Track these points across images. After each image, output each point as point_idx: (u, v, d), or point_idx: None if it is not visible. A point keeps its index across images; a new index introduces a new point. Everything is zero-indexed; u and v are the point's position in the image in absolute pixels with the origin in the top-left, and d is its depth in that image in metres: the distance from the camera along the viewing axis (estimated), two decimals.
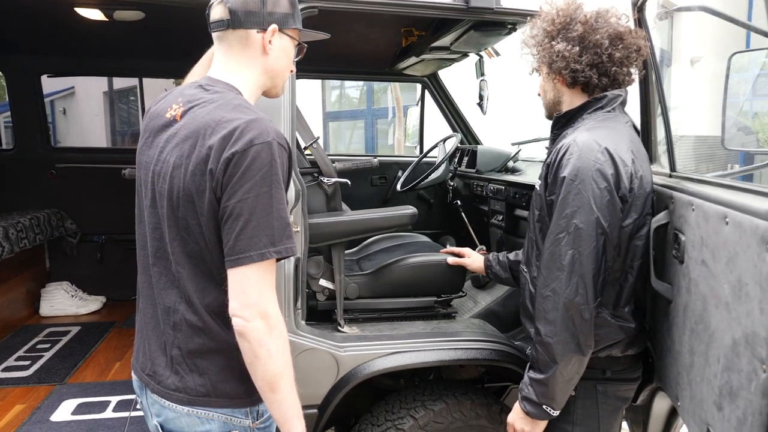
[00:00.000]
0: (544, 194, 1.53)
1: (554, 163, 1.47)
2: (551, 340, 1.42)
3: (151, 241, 1.28)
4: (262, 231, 1.13)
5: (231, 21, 1.26)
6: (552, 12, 1.57)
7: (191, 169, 1.16)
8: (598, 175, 1.38)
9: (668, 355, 1.50)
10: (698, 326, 1.27)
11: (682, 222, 1.41)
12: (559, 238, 1.41)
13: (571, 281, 1.40)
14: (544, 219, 1.54)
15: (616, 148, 1.42)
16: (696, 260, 1.30)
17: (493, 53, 2.91)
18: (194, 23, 2.73)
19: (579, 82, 1.54)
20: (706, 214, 1.23)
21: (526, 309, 1.65)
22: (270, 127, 1.19)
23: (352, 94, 11.52)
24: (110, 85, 11.50)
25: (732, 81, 1.62)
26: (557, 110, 1.64)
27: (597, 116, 1.53)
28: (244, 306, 1.13)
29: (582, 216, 1.38)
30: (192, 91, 1.29)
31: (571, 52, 1.50)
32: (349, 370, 1.88)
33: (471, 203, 3.48)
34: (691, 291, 1.33)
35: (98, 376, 2.60)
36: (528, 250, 1.67)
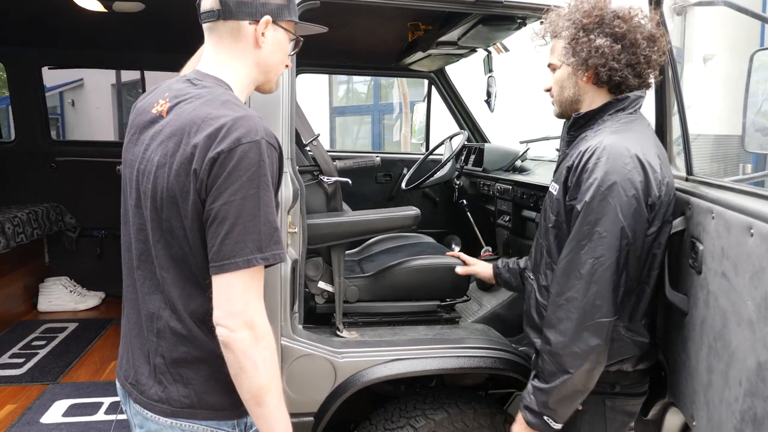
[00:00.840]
0: (563, 199, 1.44)
1: (578, 167, 1.38)
2: (561, 351, 1.35)
3: (135, 243, 1.22)
4: (248, 236, 1.07)
5: (222, 11, 1.19)
6: (584, 4, 1.47)
7: (175, 169, 1.10)
8: (627, 182, 1.30)
9: (683, 371, 1.42)
10: (717, 343, 1.18)
11: (701, 230, 1.33)
12: (580, 245, 1.34)
13: (588, 291, 1.32)
14: (561, 225, 1.45)
15: (645, 153, 1.34)
16: (715, 272, 1.22)
17: (501, 49, 2.82)
18: (194, 15, 2.68)
19: (613, 82, 1.44)
20: (728, 224, 1.15)
21: (531, 318, 1.57)
22: (259, 124, 1.12)
23: (360, 89, 11.44)
24: (118, 78, 11.48)
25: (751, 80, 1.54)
26: (574, 109, 1.54)
27: (619, 118, 1.45)
28: (229, 315, 1.07)
29: (606, 224, 1.30)
30: (180, 85, 1.22)
31: (612, 50, 1.41)
32: (347, 377, 1.81)
33: (477, 203, 3.40)
34: (710, 304, 1.24)
35: (92, 375, 2.55)
36: (536, 256, 1.60)
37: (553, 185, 1.52)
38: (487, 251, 3.12)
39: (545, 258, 1.52)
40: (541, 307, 1.51)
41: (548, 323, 1.39)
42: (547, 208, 1.53)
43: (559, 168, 1.55)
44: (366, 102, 11.04)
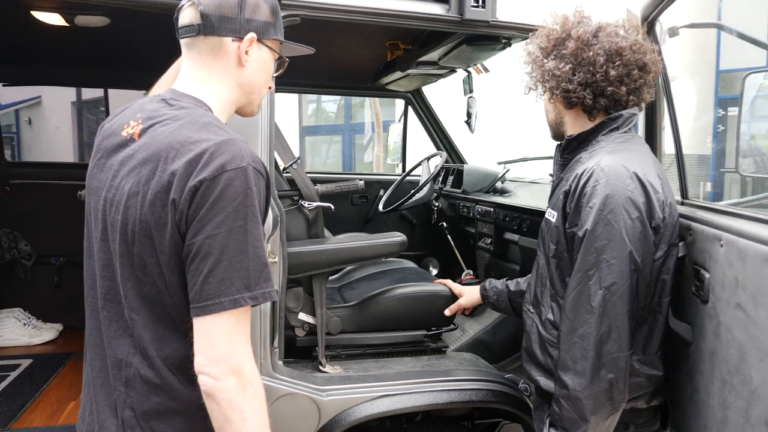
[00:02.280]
0: (562, 226, 1.35)
1: (575, 191, 1.30)
2: (581, 395, 1.24)
3: (100, 281, 1.10)
4: (234, 273, 0.96)
5: (202, 26, 1.09)
6: (550, 27, 1.45)
7: (150, 199, 0.99)
8: (629, 203, 1.23)
9: (689, 404, 1.36)
10: (733, 378, 1.12)
11: (706, 257, 1.27)
12: (587, 276, 1.25)
13: (602, 325, 1.23)
14: (562, 254, 1.37)
15: (645, 172, 1.27)
16: (728, 302, 1.16)
17: (481, 69, 2.78)
18: (163, 31, 2.56)
19: (574, 103, 1.40)
20: (742, 253, 1.09)
21: (533, 355, 1.47)
22: (245, 149, 1.02)
23: (329, 108, 11.37)
24: (78, 96, 11.14)
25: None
26: (560, 132, 1.50)
27: (613, 138, 1.38)
28: (213, 362, 0.96)
29: (613, 250, 1.22)
30: (153, 105, 1.11)
31: (563, 71, 1.37)
32: (332, 417, 1.69)
33: (456, 225, 3.34)
34: (722, 336, 1.18)
35: (48, 419, 2.33)
36: (536, 288, 1.50)
37: (550, 212, 1.43)
38: (468, 274, 3.04)
39: (549, 290, 1.43)
40: (546, 343, 1.41)
41: (562, 365, 1.29)
42: (546, 237, 1.44)
43: (554, 193, 1.48)
44: (336, 121, 10.98)
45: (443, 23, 1.84)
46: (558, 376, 1.30)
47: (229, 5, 1.11)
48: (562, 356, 1.29)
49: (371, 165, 9.09)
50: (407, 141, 3.90)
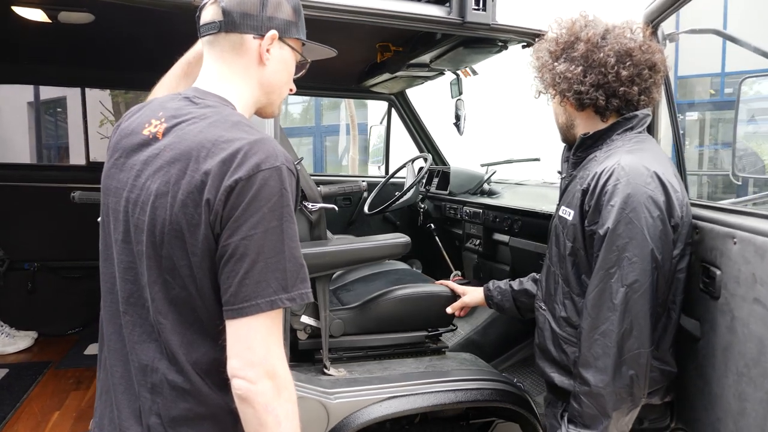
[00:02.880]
0: (579, 224, 1.37)
1: (595, 189, 1.31)
2: (603, 391, 1.25)
3: (122, 284, 1.06)
4: (271, 274, 0.94)
5: (224, 23, 1.07)
6: (556, 32, 1.47)
7: (181, 199, 0.96)
8: (651, 202, 1.25)
9: (698, 398, 1.40)
10: (752, 371, 1.16)
11: (717, 255, 1.32)
12: (609, 274, 1.26)
13: (624, 322, 1.25)
14: (579, 252, 1.38)
15: (664, 172, 1.29)
16: (743, 298, 1.20)
17: (470, 72, 2.81)
18: (149, 30, 2.50)
19: (586, 105, 1.42)
20: (760, 250, 1.13)
21: (547, 352, 1.49)
22: (278, 149, 1.01)
23: (295, 110, 11.27)
24: (36, 95, 10.74)
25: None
26: (572, 134, 1.52)
27: (629, 137, 1.40)
28: (249, 365, 0.93)
29: (635, 248, 1.24)
30: (176, 104, 1.08)
31: (574, 73, 1.39)
32: (341, 420, 1.67)
33: (442, 226, 3.36)
34: (737, 331, 1.23)
35: (33, 430, 2.24)
36: (549, 286, 1.52)
37: (565, 210, 1.44)
38: (457, 275, 3.07)
39: (562, 287, 1.45)
40: (560, 340, 1.44)
41: (584, 362, 1.30)
42: (560, 235, 1.45)
43: (567, 191, 1.49)
44: (304, 123, 10.90)
45: (445, 26, 1.85)
46: (578, 372, 1.31)
47: (251, 2, 1.09)
48: (583, 353, 1.30)
49: (345, 167, 9.06)
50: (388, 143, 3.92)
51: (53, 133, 12.34)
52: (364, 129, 9.30)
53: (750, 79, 1.57)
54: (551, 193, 2.86)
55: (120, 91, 8.09)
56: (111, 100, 8.65)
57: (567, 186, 1.50)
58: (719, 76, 11.08)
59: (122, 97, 8.82)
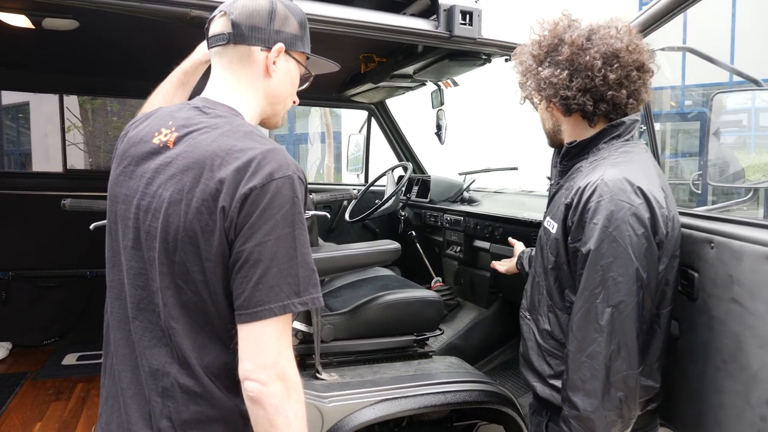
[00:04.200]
0: (562, 239, 1.32)
1: (578, 205, 1.26)
2: (593, 415, 1.21)
3: (131, 290, 1.07)
4: (284, 279, 0.98)
5: (233, 35, 1.11)
6: (540, 35, 1.42)
7: (195, 206, 0.98)
8: (635, 220, 1.20)
9: (679, 393, 1.48)
10: (729, 365, 1.25)
11: (695, 259, 1.40)
12: (594, 294, 1.22)
13: (611, 343, 1.20)
14: (562, 266, 1.34)
15: (649, 186, 1.24)
16: (720, 298, 1.29)
17: (450, 83, 2.89)
18: (135, 36, 2.50)
19: (573, 110, 1.36)
20: (737, 253, 1.22)
21: (530, 362, 1.46)
22: (289, 159, 1.04)
23: None
24: None
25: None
26: (559, 140, 1.49)
27: (615, 146, 1.34)
28: (261, 368, 0.96)
29: (619, 268, 1.19)
30: (186, 113, 1.11)
31: (559, 78, 1.33)
32: (335, 423, 1.71)
33: (422, 234, 3.42)
34: (714, 329, 1.31)
35: None
36: (533, 296, 1.49)
37: (549, 222, 1.40)
38: (438, 281, 3.13)
39: (546, 299, 1.41)
40: (543, 351, 1.41)
41: (572, 386, 1.25)
42: (545, 247, 1.41)
43: (553, 201, 1.47)
44: (277, 131, 10.88)
45: (433, 39, 1.92)
46: (567, 396, 1.27)
47: (259, 15, 1.13)
48: (571, 376, 1.26)
49: (321, 176, 9.06)
50: (361, 151, 3.97)
51: (15, 139, 11.99)
52: (337, 138, 9.36)
53: (720, 95, 1.67)
54: (529, 201, 2.96)
55: (87, 98, 7.93)
56: (79, 106, 8.47)
57: (554, 195, 1.49)
58: (679, 88, 11.52)
59: (90, 104, 8.65)
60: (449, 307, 2.99)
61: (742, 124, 7.04)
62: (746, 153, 5.66)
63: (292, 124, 10.64)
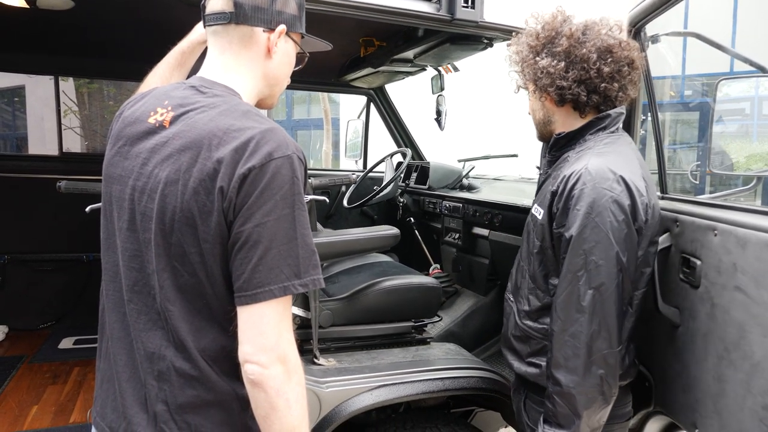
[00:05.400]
0: (548, 225, 1.39)
1: (563, 192, 1.33)
2: (574, 391, 1.27)
3: (126, 272, 1.06)
4: (284, 261, 0.96)
5: (235, 14, 1.08)
6: (537, 26, 1.46)
7: (193, 186, 0.97)
8: (616, 206, 1.26)
9: (677, 381, 1.47)
10: (731, 354, 1.24)
11: (697, 246, 1.39)
12: (577, 277, 1.28)
13: (592, 323, 1.27)
14: (547, 251, 1.40)
15: (630, 175, 1.30)
16: (723, 286, 1.28)
17: (451, 68, 2.86)
18: (131, 17, 2.45)
19: (567, 100, 1.41)
20: (741, 241, 1.21)
21: (508, 340, 1.53)
22: (288, 138, 1.03)
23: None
24: None
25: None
26: (549, 131, 1.52)
27: (601, 138, 1.41)
28: (262, 350, 0.95)
29: (600, 252, 1.26)
30: (182, 92, 1.09)
31: (557, 68, 1.38)
32: (333, 408, 1.70)
33: (421, 220, 3.40)
34: (717, 317, 1.30)
35: (11, 425, 2.18)
36: (517, 278, 1.55)
37: (536, 208, 1.46)
38: (436, 268, 3.12)
39: (528, 282, 1.47)
40: (520, 331, 1.48)
41: (555, 363, 1.31)
42: (531, 232, 1.47)
43: (541, 190, 1.51)
44: (276, 117, 10.80)
45: (434, 22, 1.89)
46: (550, 373, 1.33)
47: None
48: (554, 354, 1.32)
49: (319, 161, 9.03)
50: (359, 137, 3.94)
51: (10, 123, 11.91)
52: (336, 124, 9.29)
53: (725, 81, 1.65)
54: (528, 188, 2.94)
55: (83, 80, 7.86)
56: (75, 90, 8.39)
57: (542, 183, 1.53)
58: (679, 78, 11.47)
59: (86, 88, 8.56)
60: (447, 294, 2.98)
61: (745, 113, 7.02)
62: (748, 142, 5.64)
63: (291, 109, 10.57)
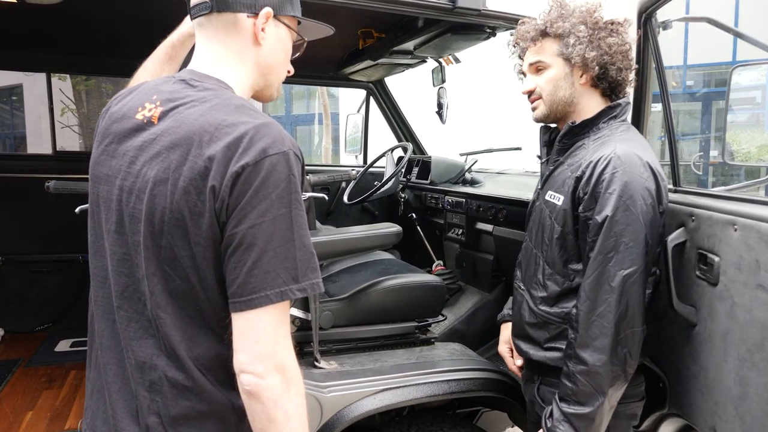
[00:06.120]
0: (570, 209, 1.41)
1: (591, 177, 1.35)
2: (600, 369, 1.31)
3: (115, 277, 1.00)
4: (281, 264, 0.90)
5: (216, 2, 1.02)
6: (584, 7, 1.47)
7: (183, 186, 0.91)
8: (645, 191, 1.31)
9: (694, 383, 1.41)
10: (755, 356, 1.17)
11: (715, 242, 1.32)
12: (607, 258, 1.31)
13: (620, 304, 1.31)
14: (568, 236, 1.42)
15: (652, 161, 1.36)
16: (745, 284, 1.21)
17: (452, 60, 2.78)
18: (121, 12, 2.38)
19: (610, 82, 1.44)
20: (765, 236, 1.14)
21: (522, 329, 1.55)
22: (284, 134, 0.97)
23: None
24: None
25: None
26: (565, 110, 1.49)
27: (614, 126, 1.44)
28: (258, 359, 0.89)
29: (631, 234, 1.30)
30: (171, 86, 1.02)
31: (621, 49, 1.43)
32: (335, 413, 1.64)
33: (423, 216, 3.34)
34: (737, 317, 1.24)
35: (5, 431, 2.13)
36: (528, 267, 1.56)
37: (553, 195, 1.46)
38: (439, 265, 3.06)
39: (544, 269, 1.49)
40: (537, 318, 1.50)
41: (581, 342, 1.34)
42: (548, 219, 1.48)
43: (553, 176, 1.50)
44: (275, 112, 10.71)
45: (435, 10, 1.82)
46: (575, 353, 1.35)
47: None
48: (581, 334, 1.34)
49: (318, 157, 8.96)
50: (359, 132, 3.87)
51: (9, 122, 11.87)
52: (335, 119, 9.20)
53: (739, 69, 1.58)
54: (532, 181, 2.87)
55: (81, 77, 7.79)
56: (72, 87, 8.34)
57: (552, 171, 1.51)
58: (681, 68, 11.38)
59: (83, 85, 8.51)
60: (451, 291, 2.92)
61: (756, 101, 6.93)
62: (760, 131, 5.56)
63: (290, 104, 10.49)
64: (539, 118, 1.54)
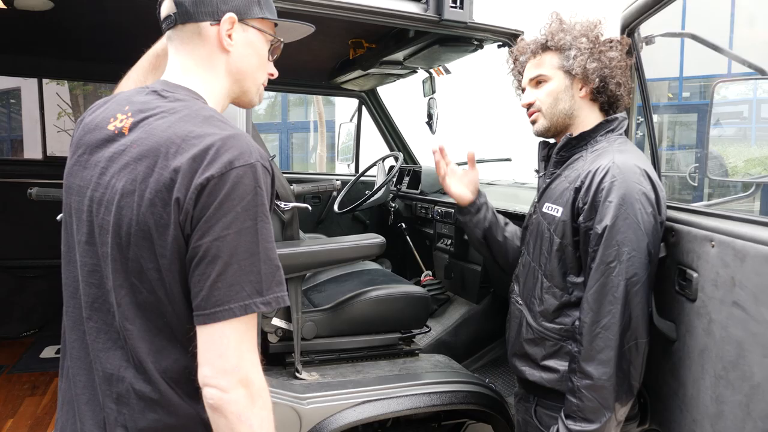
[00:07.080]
0: (569, 220, 1.40)
1: (590, 187, 1.35)
2: (606, 383, 1.29)
3: (85, 288, 1.00)
4: (245, 277, 0.90)
5: (178, 14, 1.02)
6: (585, 22, 1.48)
7: (149, 198, 0.90)
8: (645, 199, 1.30)
9: (673, 399, 1.40)
10: (729, 374, 1.17)
11: (693, 258, 1.32)
12: (610, 268, 1.30)
13: (625, 314, 1.29)
14: (567, 248, 1.41)
15: (651, 172, 1.36)
16: (721, 301, 1.21)
17: (443, 71, 2.79)
18: (111, 17, 2.39)
19: (600, 96, 1.46)
20: (740, 254, 1.14)
21: (520, 346, 1.51)
22: (252, 145, 0.96)
23: (260, 106, 11.08)
24: None
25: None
26: (565, 123, 1.49)
27: (612, 139, 1.45)
28: (221, 373, 0.88)
29: (633, 243, 1.29)
30: (143, 98, 1.02)
31: (620, 64, 1.45)
32: (314, 425, 1.63)
33: (412, 226, 3.33)
34: (714, 333, 1.23)
35: None
36: (527, 281, 1.53)
37: (552, 207, 1.46)
38: (428, 275, 3.05)
39: (542, 282, 1.47)
40: (534, 334, 1.47)
41: (586, 356, 1.32)
42: (546, 231, 1.47)
43: (550, 188, 1.50)
44: (271, 120, 10.71)
45: (422, 23, 1.82)
46: (580, 367, 1.33)
47: None
48: (585, 347, 1.32)
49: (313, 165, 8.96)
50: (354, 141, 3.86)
51: (6, 125, 11.87)
52: (331, 126, 9.22)
53: (722, 84, 1.58)
54: (523, 193, 2.87)
55: (78, 82, 7.81)
56: (69, 92, 8.35)
57: (549, 183, 1.51)
58: (677, 80, 11.41)
59: (81, 90, 8.52)
60: (439, 301, 2.91)
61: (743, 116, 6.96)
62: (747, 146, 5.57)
63: (286, 112, 10.50)
64: (540, 132, 1.55)
